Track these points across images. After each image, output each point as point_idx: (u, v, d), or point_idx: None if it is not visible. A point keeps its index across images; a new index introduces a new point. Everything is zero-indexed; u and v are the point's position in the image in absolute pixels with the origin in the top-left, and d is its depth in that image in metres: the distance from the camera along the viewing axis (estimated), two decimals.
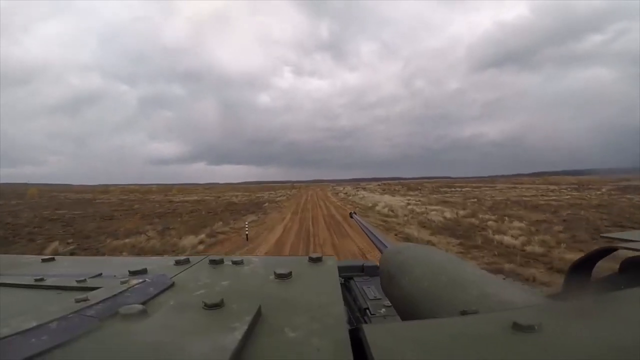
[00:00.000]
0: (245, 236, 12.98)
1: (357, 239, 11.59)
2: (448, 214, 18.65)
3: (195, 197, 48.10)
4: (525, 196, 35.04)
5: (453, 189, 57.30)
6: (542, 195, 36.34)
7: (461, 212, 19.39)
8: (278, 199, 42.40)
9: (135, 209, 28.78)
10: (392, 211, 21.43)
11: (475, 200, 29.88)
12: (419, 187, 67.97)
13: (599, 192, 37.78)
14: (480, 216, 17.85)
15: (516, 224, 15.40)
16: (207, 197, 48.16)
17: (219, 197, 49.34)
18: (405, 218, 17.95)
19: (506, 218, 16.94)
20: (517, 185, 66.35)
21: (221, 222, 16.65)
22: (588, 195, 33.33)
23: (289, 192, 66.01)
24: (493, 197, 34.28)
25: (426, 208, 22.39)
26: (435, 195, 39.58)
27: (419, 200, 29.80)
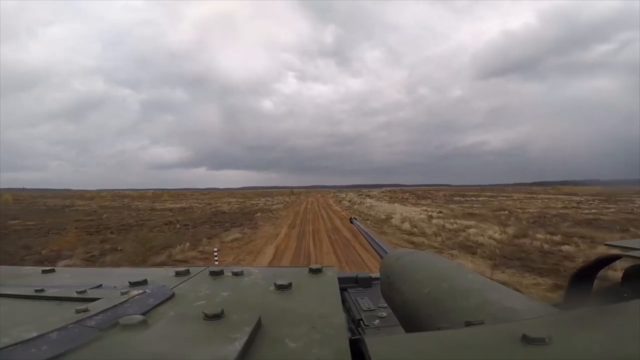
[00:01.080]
0: None
1: (374, 265, 7.42)
2: (494, 233, 14.20)
3: (183, 204, 43.55)
4: (557, 208, 30.68)
5: (467, 198, 52.72)
6: (574, 207, 31.89)
7: (508, 230, 14.96)
8: (274, 207, 37.90)
9: (103, 219, 24.35)
10: (415, 226, 16.98)
11: (506, 212, 25.42)
12: (429, 196, 63.42)
13: (637, 205, 33.42)
14: (538, 236, 13.45)
15: (602, 249, 11.02)
16: (195, 204, 43.65)
17: (209, 204, 44.84)
18: (439, 238, 13.53)
19: (576, 239, 12.59)
20: (533, 195, 61.92)
21: (189, 243, 12.18)
22: (631, 209, 28.96)
23: (287, 199, 61.44)
24: (522, 208, 29.83)
25: (455, 222, 17.93)
26: (452, 205, 35.11)
27: (440, 212, 25.27)
